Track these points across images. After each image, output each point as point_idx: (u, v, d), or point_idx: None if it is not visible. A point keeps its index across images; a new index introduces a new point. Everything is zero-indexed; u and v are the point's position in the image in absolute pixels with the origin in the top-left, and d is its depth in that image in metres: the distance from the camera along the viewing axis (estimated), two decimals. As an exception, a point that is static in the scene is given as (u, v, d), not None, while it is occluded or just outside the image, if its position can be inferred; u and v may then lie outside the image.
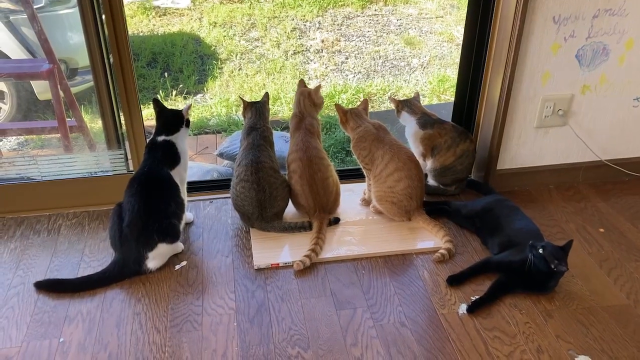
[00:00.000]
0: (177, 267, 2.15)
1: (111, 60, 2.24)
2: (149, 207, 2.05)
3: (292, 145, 2.36)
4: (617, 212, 2.50)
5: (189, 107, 2.26)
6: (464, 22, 2.47)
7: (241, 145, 2.34)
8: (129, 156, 2.46)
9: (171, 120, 2.21)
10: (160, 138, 2.18)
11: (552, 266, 1.89)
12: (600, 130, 2.60)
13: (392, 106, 2.61)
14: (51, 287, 2.03)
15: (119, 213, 2.08)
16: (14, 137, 3.21)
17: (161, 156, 2.15)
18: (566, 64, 2.41)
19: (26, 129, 3.16)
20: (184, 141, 2.24)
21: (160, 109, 2.22)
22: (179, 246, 2.20)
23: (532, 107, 2.49)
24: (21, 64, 3.12)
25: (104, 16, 2.15)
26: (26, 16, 2.71)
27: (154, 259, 2.08)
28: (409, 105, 2.54)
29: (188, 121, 2.25)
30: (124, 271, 2.06)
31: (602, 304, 1.98)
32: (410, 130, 2.56)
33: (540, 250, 1.90)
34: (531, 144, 2.59)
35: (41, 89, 3.14)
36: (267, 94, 2.42)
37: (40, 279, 2.05)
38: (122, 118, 2.38)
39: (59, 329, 1.87)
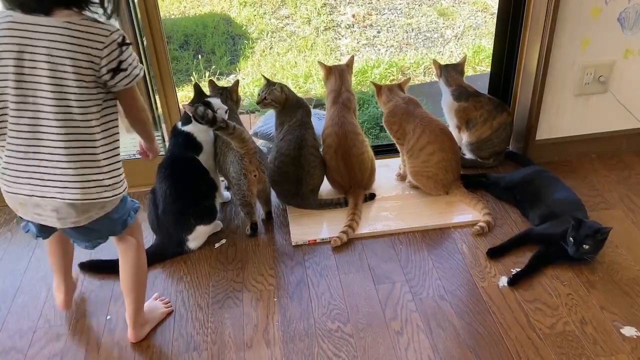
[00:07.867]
0: (217, 245, 2.18)
1: (145, 43, 2.26)
2: (180, 191, 2.06)
3: (327, 120, 2.35)
4: (663, 180, 2.42)
5: (190, 109, 2.04)
6: (499, -11, 2.40)
7: (280, 121, 2.34)
8: (166, 138, 2.49)
9: (185, 114, 2.19)
10: (179, 125, 2.19)
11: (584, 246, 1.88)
12: (644, 96, 2.51)
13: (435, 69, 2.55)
14: (95, 268, 2.08)
15: (153, 200, 2.11)
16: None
17: (183, 143, 2.16)
18: (607, 28, 2.32)
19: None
20: (205, 134, 2.17)
21: (196, 93, 2.24)
22: (218, 224, 2.23)
23: (572, 74, 2.41)
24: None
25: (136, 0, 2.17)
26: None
27: (194, 240, 2.12)
28: (447, 73, 2.49)
29: (209, 120, 1.96)
30: (166, 252, 2.11)
31: (648, 274, 1.93)
32: (445, 100, 2.52)
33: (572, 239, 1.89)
34: (571, 112, 2.51)
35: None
36: (289, 89, 2.38)
37: (84, 260, 2.10)
38: (157, 100, 2.41)
39: (106, 307, 1.92)
